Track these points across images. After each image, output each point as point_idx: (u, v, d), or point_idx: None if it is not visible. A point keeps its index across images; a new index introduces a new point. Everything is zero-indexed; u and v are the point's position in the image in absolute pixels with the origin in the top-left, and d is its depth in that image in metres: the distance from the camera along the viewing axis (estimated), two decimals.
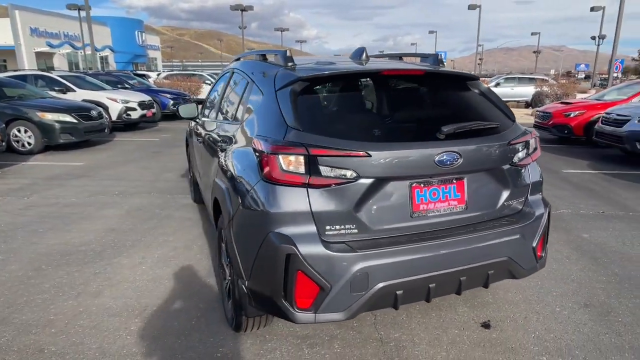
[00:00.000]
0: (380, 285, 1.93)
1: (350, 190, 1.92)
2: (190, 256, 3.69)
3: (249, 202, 2.02)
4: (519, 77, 19.49)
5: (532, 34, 48.38)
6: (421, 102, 2.37)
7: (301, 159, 1.89)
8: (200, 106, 4.34)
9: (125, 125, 11.76)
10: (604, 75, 52.03)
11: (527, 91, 18.20)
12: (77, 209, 4.96)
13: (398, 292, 1.98)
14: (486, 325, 2.66)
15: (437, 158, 1.99)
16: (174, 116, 15.10)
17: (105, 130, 9.65)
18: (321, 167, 1.88)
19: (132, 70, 37.80)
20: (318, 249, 1.87)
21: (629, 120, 6.77)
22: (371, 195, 1.96)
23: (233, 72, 3.30)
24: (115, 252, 3.75)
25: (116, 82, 14.34)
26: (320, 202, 1.90)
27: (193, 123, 4.62)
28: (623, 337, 2.54)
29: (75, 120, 8.72)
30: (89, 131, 9.05)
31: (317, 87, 2.20)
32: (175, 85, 17.88)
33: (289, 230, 1.89)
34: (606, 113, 7.43)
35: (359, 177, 1.91)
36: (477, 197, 2.20)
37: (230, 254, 2.23)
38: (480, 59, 63.85)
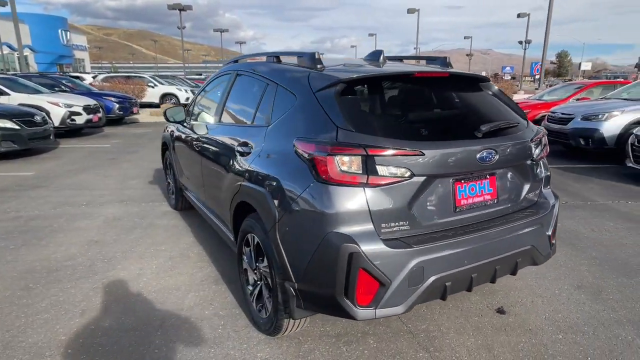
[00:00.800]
0: (433, 278, 2.02)
1: (404, 188, 1.99)
2: (190, 264, 3.57)
3: (301, 204, 2.02)
4: None
5: (465, 37, 51.42)
6: (450, 103, 2.49)
7: (359, 159, 1.93)
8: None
9: (68, 131, 10.97)
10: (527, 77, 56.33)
11: None
12: (45, 222, 4.58)
13: (447, 284, 2.08)
14: (501, 311, 2.84)
15: (478, 155, 2.12)
16: (119, 121, 14.38)
17: (51, 137, 8.96)
18: (378, 167, 1.94)
19: (57, 71, 35.11)
20: (378, 247, 1.92)
21: (572, 119, 7.47)
22: (422, 193, 2.05)
23: (237, 75, 3.25)
24: (108, 265, 3.53)
25: (52, 84, 13.30)
26: (376, 200, 1.95)
27: (174, 127, 4.46)
28: (618, 312, 2.84)
29: (17, 127, 8.01)
30: (33, 138, 8.35)
31: (357, 88, 2.25)
32: (117, 88, 16.95)
33: (348, 229, 1.92)
34: (551, 112, 8.14)
35: (412, 175, 1.99)
36: (505, 191, 2.36)
37: (274, 256, 2.21)
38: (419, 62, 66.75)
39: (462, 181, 2.18)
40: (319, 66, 2.42)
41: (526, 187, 2.46)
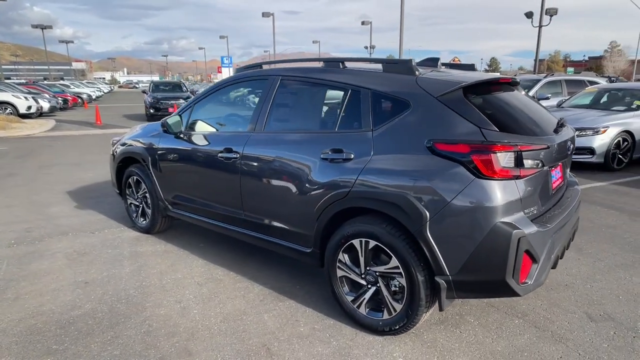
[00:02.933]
0: (556, 250, 2.39)
1: (537, 177, 2.31)
2: (230, 286, 3.28)
3: (460, 201, 2.16)
4: None
5: (314, 42, 54.35)
6: (522, 102, 2.85)
7: (513, 155, 2.17)
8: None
9: None
10: None
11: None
12: None
13: (558, 255, 2.48)
14: (595, 317, 3.33)
15: (568, 145, 2.57)
16: None
17: None
18: (525, 161, 2.21)
19: None
20: (533, 229, 2.19)
21: None
22: (543, 180, 2.39)
23: (281, 80, 3.10)
24: (134, 306, 3.02)
25: None
26: (523, 190, 2.22)
27: (146, 140, 4.00)
28: None
29: None
30: None
31: (472, 92, 2.45)
32: None
33: (511, 217, 2.15)
34: None
35: (543, 165, 2.31)
36: (564, 175, 2.88)
37: (424, 254, 2.29)
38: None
39: (553, 168, 2.59)
40: (418, 72, 2.56)
41: (567, 170, 3.03)
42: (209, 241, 4.21)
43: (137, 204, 4.45)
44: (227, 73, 61.68)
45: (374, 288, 2.59)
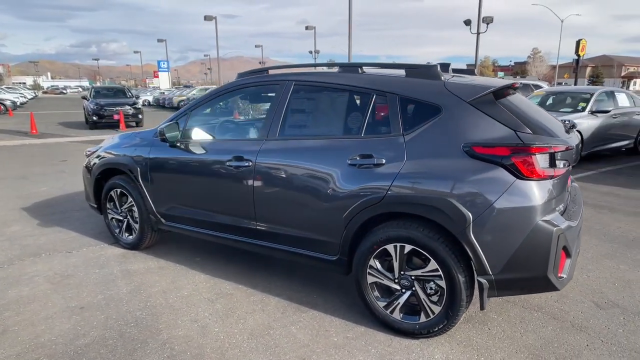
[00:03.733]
0: (576, 244, 2.56)
1: (564, 176, 2.44)
2: (247, 301, 3.15)
3: (503, 202, 2.23)
4: None
5: (256, 46, 53.77)
6: (532, 106, 2.98)
7: (548, 156, 2.27)
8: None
9: None
10: None
11: None
12: None
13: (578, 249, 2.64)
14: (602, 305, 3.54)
15: (578, 145, 2.74)
16: None
17: None
18: (557, 161, 2.32)
19: None
20: (566, 225, 2.32)
21: None
22: (565, 178, 2.53)
23: (295, 85, 3.03)
24: (148, 329, 2.80)
25: None
26: (555, 189, 2.34)
27: (149, 149, 3.72)
28: None
29: None
30: None
31: (498, 96, 2.53)
32: None
33: (549, 216, 2.26)
34: None
35: (569, 165, 2.45)
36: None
37: (465, 255, 2.34)
38: (208, 69, 66.42)
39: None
40: (444, 78, 2.61)
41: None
42: (204, 254, 4.01)
43: (121, 218, 4.14)
44: (164, 78, 59.29)
45: (409, 292, 2.60)
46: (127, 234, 4.13)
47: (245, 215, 3.18)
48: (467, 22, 21.96)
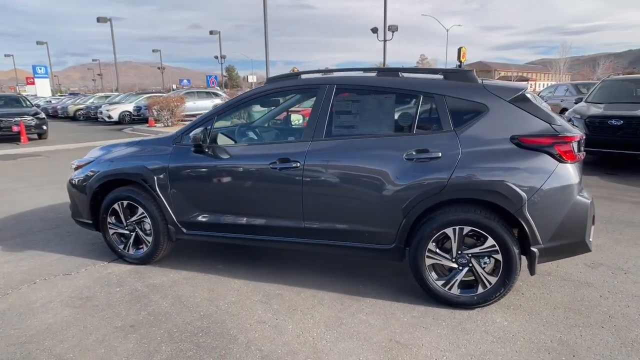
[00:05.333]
0: None
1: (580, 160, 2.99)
2: (299, 295, 3.24)
3: (551, 182, 2.70)
4: (197, 92, 21.14)
5: (154, 50, 50.89)
6: (541, 102, 3.50)
7: (577, 143, 2.80)
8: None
9: None
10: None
11: (207, 104, 20.21)
12: None
13: None
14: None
15: None
16: None
17: None
18: (581, 147, 2.86)
19: None
20: (591, 199, 2.87)
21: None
22: None
23: (336, 88, 3.21)
24: (221, 336, 2.77)
25: None
26: (580, 170, 2.88)
27: (168, 157, 3.60)
28: None
29: None
30: None
31: (525, 96, 3.00)
32: None
33: (581, 192, 2.79)
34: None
35: (581, 150, 3.01)
36: None
37: (524, 229, 2.76)
38: (98, 74, 61.01)
39: None
40: (480, 81, 3.02)
41: None
42: (224, 261, 3.96)
43: (126, 232, 3.89)
44: (43, 85, 52.92)
45: (466, 269, 2.95)
46: (134, 249, 3.90)
47: (292, 215, 3.27)
48: (374, 30, 23.52)
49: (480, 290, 2.94)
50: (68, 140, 14.43)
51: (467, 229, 2.87)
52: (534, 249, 2.79)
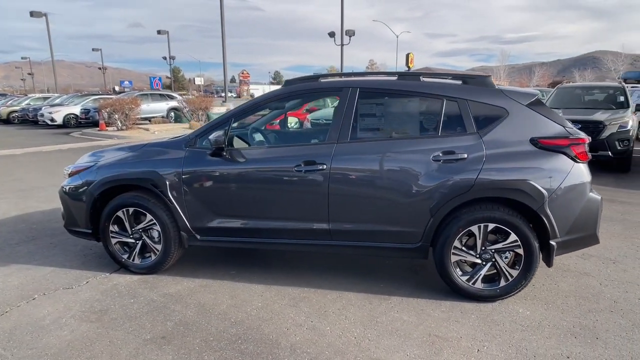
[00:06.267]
0: None
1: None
2: (325, 297, 3.26)
3: (568, 180, 2.93)
4: (150, 94, 20.23)
5: (94, 49, 48.09)
6: None
7: (586, 144, 3.06)
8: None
9: None
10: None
11: (162, 107, 19.47)
12: None
13: None
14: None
15: None
16: None
17: None
18: (587, 149, 3.13)
19: None
20: (600, 196, 3.14)
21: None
22: None
23: (359, 92, 3.26)
24: (261, 342, 2.73)
25: None
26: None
27: (181, 161, 3.48)
28: None
29: None
30: None
31: (540, 100, 3.22)
32: None
33: (592, 189, 3.05)
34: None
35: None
36: None
37: (538, 225, 2.96)
38: (29, 74, 56.76)
39: None
40: (498, 86, 3.22)
41: None
42: (234, 267, 3.88)
43: (132, 241, 3.71)
44: None
45: (489, 264, 3.12)
46: (140, 258, 3.72)
47: (316, 218, 3.29)
48: (331, 34, 23.86)
49: (502, 283, 3.12)
50: (10, 145, 13.31)
51: (491, 226, 3.04)
52: (553, 243, 3.01)
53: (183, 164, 3.47)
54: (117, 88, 56.00)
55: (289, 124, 4.69)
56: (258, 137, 3.72)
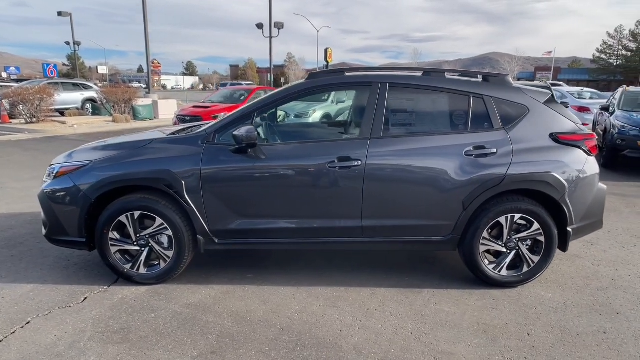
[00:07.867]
0: None
1: None
2: (359, 294, 3.23)
3: (584, 172, 3.21)
4: (62, 83, 17.94)
5: None
6: None
7: (595, 140, 3.38)
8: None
9: None
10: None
11: (76, 97, 17.53)
12: None
13: None
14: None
15: None
16: None
17: None
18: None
19: None
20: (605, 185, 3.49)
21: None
22: None
23: (389, 87, 3.25)
24: (323, 347, 2.62)
25: None
26: None
27: (198, 158, 3.19)
28: None
29: None
30: None
31: (554, 99, 3.46)
32: None
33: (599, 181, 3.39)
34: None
35: None
36: None
37: (558, 214, 3.21)
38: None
39: None
40: (514, 84, 3.41)
41: None
42: (250, 269, 3.67)
43: (137, 248, 3.32)
44: None
45: (514, 252, 3.32)
46: (146, 267, 3.34)
47: (349, 215, 3.22)
48: (260, 26, 23.34)
49: (525, 269, 3.34)
50: None
51: (517, 216, 3.23)
52: (570, 229, 3.28)
53: (201, 161, 3.17)
54: (4, 75, 49.13)
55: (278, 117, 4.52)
56: (279, 132, 3.53)
